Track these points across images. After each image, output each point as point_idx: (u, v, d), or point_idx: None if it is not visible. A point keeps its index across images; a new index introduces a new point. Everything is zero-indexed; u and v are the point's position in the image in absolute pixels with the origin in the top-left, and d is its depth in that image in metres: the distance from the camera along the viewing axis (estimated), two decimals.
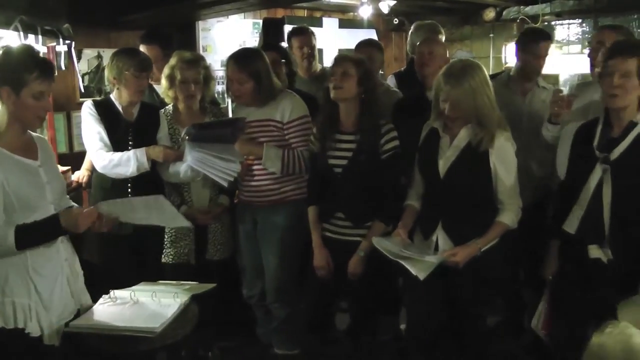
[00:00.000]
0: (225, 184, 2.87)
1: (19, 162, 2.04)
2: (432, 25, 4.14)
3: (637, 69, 2.23)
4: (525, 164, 2.81)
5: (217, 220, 3.18)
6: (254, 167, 3.06)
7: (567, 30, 5.41)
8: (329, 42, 5.39)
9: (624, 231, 2.29)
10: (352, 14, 5.95)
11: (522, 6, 5.34)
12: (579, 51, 5.25)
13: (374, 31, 5.68)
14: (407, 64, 4.38)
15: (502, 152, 2.50)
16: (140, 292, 2.30)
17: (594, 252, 2.35)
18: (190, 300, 2.28)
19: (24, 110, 2.02)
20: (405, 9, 5.82)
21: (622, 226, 2.30)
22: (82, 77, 4.23)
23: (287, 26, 4.91)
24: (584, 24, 5.25)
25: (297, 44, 4.11)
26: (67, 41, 3.72)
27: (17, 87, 1.99)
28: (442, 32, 4.12)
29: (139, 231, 2.92)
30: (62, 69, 3.73)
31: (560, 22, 5.40)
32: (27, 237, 1.99)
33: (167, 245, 3.16)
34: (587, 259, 2.37)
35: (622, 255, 2.30)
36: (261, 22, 5.22)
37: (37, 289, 2.05)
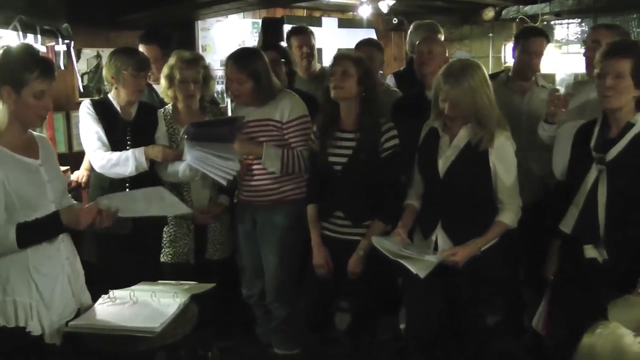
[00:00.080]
0: (224, 183, 2.87)
1: (20, 161, 2.04)
2: (432, 24, 4.13)
3: (631, 70, 2.22)
4: (524, 163, 2.81)
5: (217, 219, 3.18)
6: (254, 167, 3.06)
7: (567, 29, 5.41)
8: (328, 41, 5.38)
9: (619, 231, 2.29)
10: (351, 13, 5.95)
11: (521, 6, 5.34)
12: (578, 51, 5.24)
13: (373, 31, 5.67)
14: (407, 64, 4.38)
15: (502, 152, 2.50)
16: (139, 292, 2.30)
17: (590, 252, 2.35)
18: (189, 300, 2.28)
19: (25, 109, 2.02)
20: (404, 8, 5.82)
21: (617, 226, 2.29)
22: (82, 76, 4.23)
23: (287, 26, 4.91)
24: (583, 24, 5.24)
25: (296, 44, 4.11)
26: (66, 41, 3.72)
27: (18, 86, 1.99)
28: (442, 31, 4.12)
29: (137, 231, 2.92)
30: (61, 69, 3.73)
31: (559, 21, 5.39)
32: (29, 234, 1.99)
33: (167, 244, 3.16)
34: (583, 259, 2.37)
35: (617, 255, 2.29)
36: (260, 21, 5.22)
37: (38, 287, 2.05)
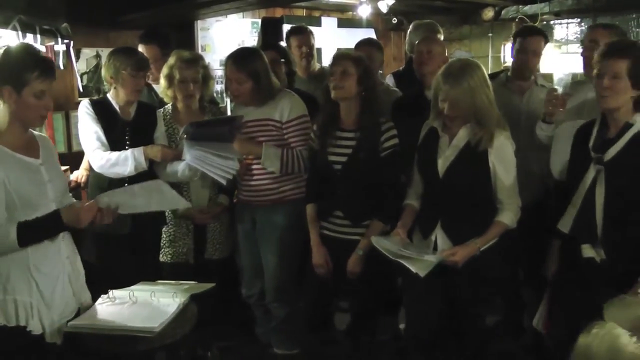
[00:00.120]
0: (224, 182, 2.87)
1: (21, 160, 2.04)
2: (431, 24, 4.13)
3: (628, 70, 2.21)
4: (524, 163, 2.81)
5: (216, 219, 3.18)
6: (253, 167, 3.06)
7: (566, 29, 5.41)
8: (327, 41, 5.37)
9: (616, 231, 2.29)
10: (350, 13, 5.95)
11: (520, 5, 5.33)
12: (578, 51, 5.23)
13: (372, 30, 5.66)
14: (406, 63, 4.37)
15: (501, 152, 2.50)
16: (139, 292, 2.30)
17: (587, 251, 2.35)
18: (189, 299, 2.28)
19: (26, 109, 2.02)
20: (404, 8, 5.81)
21: (614, 226, 2.29)
22: (81, 76, 4.22)
23: (286, 25, 4.90)
24: (583, 24, 5.23)
25: (295, 43, 4.11)
26: (65, 40, 3.72)
27: (19, 86, 1.99)
28: (441, 31, 4.12)
29: (136, 230, 2.92)
30: (61, 69, 3.73)
31: (559, 21, 5.39)
32: (29, 233, 1.99)
33: (166, 244, 3.16)
34: (581, 259, 2.37)
35: (615, 255, 2.29)
36: (260, 21, 5.21)
37: (39, 286, 2.05)
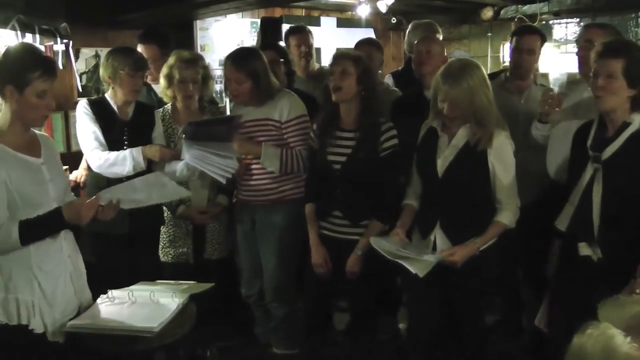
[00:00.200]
0: (223, 181, 2.87)
1: (22, 159, 2.04)
2: (430, 24, 4.13)
3: (623, 70, 2.21)
4: (523, 163, 2.81)
5: (216, 219, 3.18)
6: (253, 167, 3.06)
7: (565, 29, 5.41)
8: (326, 41, 5.38)
9: (613, 230, 2.29)
10: (350, 13, 5.94)
11: (520, 5, 5.33)
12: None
13: (371, 30, 5.67)
14: (405, 63, 4.38)
15: (501, 152, 2.50)
16: (138, 292, 2.30)
17: (584, 249, 2.35)
18: (188, 299, 2.28)
19: (28, 108, 2.02)
20: (403, 8, 5.81)
21: (611, 225, 2.29)
22: (80, 76, 4.22)
23: (285, 25, 4.90)
24: (582, 23, 5.23)
25: (294, 43, 4.11)
26: (64, 40, 3.72)
27: (21, 85, 1.99)
28: (440, 31, 4.12)
29: (135, 230, 2.92)
30: (60, 69, 3.71)
31: (558, 21, 5.39)
32: (31, 231, 1.99)
33: (166, 244, 3.16)
34: (577, 257, 2.37)
35: (611, 254, 2.29)
36: (259, 21, 5.21)
37: (41, 285, 2.05)
